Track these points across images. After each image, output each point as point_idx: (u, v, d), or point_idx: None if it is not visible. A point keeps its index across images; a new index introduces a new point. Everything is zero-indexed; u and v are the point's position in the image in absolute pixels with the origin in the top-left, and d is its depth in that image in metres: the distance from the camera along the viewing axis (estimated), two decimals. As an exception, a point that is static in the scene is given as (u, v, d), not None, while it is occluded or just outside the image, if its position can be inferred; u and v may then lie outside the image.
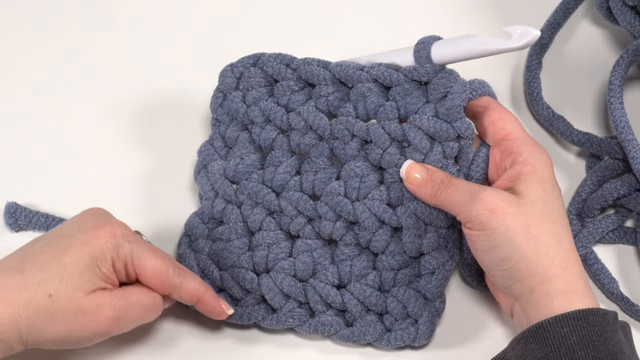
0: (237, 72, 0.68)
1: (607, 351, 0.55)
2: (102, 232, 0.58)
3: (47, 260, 0.57)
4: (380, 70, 0.63)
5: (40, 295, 0.56)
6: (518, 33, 0.58)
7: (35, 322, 0.56)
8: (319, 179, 0.65)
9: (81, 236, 0.58)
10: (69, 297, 0.57)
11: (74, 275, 0.57)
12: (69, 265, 0.57)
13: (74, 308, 0.57)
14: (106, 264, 0.58)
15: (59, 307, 0.57)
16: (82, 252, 0.58)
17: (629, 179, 0.68)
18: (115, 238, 0.58)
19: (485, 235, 0.58)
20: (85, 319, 0.57)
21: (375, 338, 0.64)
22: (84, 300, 0.57)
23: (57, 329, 0.57)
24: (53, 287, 0.57)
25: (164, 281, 0.60)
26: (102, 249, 0.58)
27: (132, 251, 0.59)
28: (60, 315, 0.57)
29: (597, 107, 0.75)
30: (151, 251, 0.60)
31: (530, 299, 0.58)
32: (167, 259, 0.60)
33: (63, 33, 0.76)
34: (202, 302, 0.62)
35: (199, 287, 0.61)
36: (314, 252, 0.65)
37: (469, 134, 0.63)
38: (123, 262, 0.59)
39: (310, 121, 0.65)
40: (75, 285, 0.57)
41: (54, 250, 0.58)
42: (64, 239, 0.58)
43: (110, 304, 0.58)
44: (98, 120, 0.73)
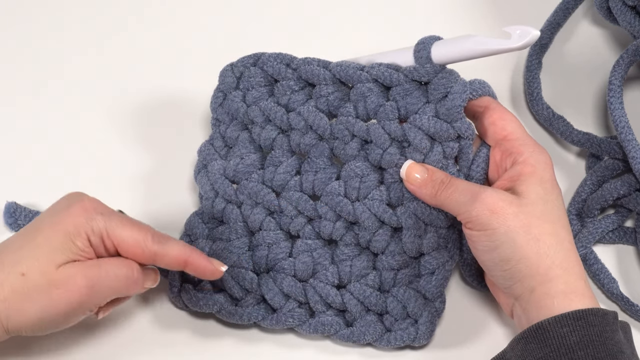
0: (237, 72, 0.68)
1: (607, 351, 0.55)
2: (73, 209, 0.58)
3: (21, 243, 0.58)
4: (381, 70, 0.63)
5: (14, 276, 0.56)
6: (517, 33, 0.58)
7: (12, 303, 0.56)
8: (319, 179, 0.65)
9: (53, 217, 0.58)
10: (41, 272, 0.56)
11: (47, 252, 0.57)
12: (42, 243, 0.57)
13: (46, 282, 0.56)
14: (80, 238, 0.57)
15: (32, 284, 0.56)
16: (54, 230, 0.57)
17: (629, 179, 0.68)
18: (87, 212, 0.58)
19: (486, 235, 0.59)
20: (57, 291, 0.57)
21: (375, 338, 0.64)
22: (55, 273, 0.57)
23: (33, 309, 0.56)
24: (26, 266, 0.56)
25: (143, 249, 0.59)
26: (74, 224, 0.57)
27: (106, 223, 0.58)
28: (35, 293, 0.56)
29: (597, 107, 0.75)
30: (127, 222, 0.59)
31: (530, 299, 0.58)
32: (144, 228, 0.59)
33: (63, 33, 0.76)
34: (191, 263, 0.60)
35: (184, 250, 0.60)
36: (314, 252, 0.65)
37: (469, 134, 0.63)
38: (99, 236, 0.58)
39: (310, 121, 0.65)
40: (48, 260, 0.57)
41: (27, 234, 0.58)
42: (36, 223, 0.59)
43: (82, 273, 0.57)
44: (98, 120, 0.73)
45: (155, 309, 0.66)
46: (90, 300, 0.58)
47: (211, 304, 0.64)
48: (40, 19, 0.77)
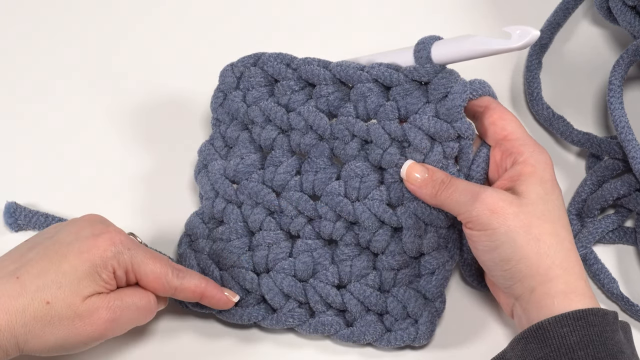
0: (238, 72, 0.68)
1: (607, 351, 0.55)
2: (101, 240, 0.59)
3: (45, 267, 0.57)
4: (381, 70, 0.63)
5: (38, 302, 0.56)
6: (517, 33, 0.58)
7: (33, 329, 0.56)
8: (319, 179, 0.65)
9: (79, 244, 0.58)
10: (67, 304, 0.57)
11: (72, 282, 0.57)
12: (68, 272, 0.57)
13: (71, 314, 0.57)
14: (106, 271, 0.58)
15: (56, 314, 0.57)
16: (80, 259, 0.58)
17: (629, 179, 0.68)
18: (114, 246, 0.59)
19: (486, 235, 0.59)
20: (81, 323, 0.57)
21: (375, 338, 0.64)
22: (81, 305, 0.57)
23: (54, 336, 0.57)
24: (51, 294, 0.57)
25: (164, 284, 0.60)
26: (102, 257, 0.58)
27: (132, 258, 0.59)
28: (58, 322, 0.57)
29: (597, 107, 0.75)
30: (150, 256, 0.60)
31: (530, 299, 0.58)
32: (165, 263, 0.60)
33: (63, 33, 0.76)
34: (206, 296, 0.62)
35: (200, 283, 0.61)
36: (314, 252, 0.65)
37: (470, 134, 0.63)
38: (124, 269, 0.59)
39: (310, 121, 0.65)
40: (73, 291, 0.57)
41: (51, 258, 0.58)
42: (60, 247, 0.59)
43: (107, 306, 0.58)
44: (98, 120, 0.73)
45: (155, 309, 0.66)
46: (112, 332, 0.59)
47: (211, 304, 0.64)
48: (41, 19, 0.77)
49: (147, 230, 0.68)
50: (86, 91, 0.74)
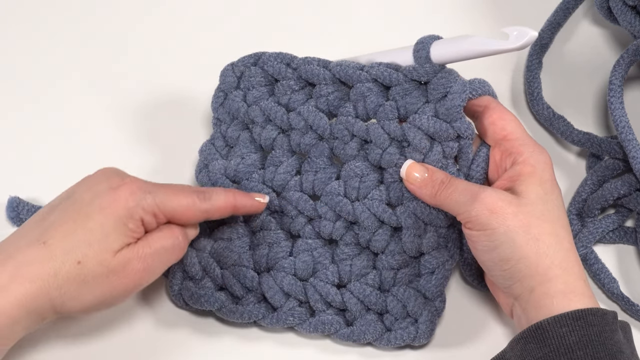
0: (238, 72, 0.68)
1: (606, 351, 0.55)
2: (120, 192, 0.58)
3: (70, 228, 0.57)
4: (380, 70, 0.63)
5: (69, 264, 0.56)
6: (515, 34, 0.58)
7: (68, 290, 0.56)
8: (319, 178, 0.65)
9: (99, 200, 0.58)
10: (98, 261, 0.57)
11: (100, 239, 0.57)
12: (94, 229, 0.57)
13: (104, 270, 0.57)
14: (133, 220, 0.58)
15: (89, 273, 0.56)
16: (104, 215, 0.57)
17: (629, 178, 0.68)
18: (134, 194, 0.58)
19: (486, 235, 0.59)
20: (116, 277, 0.57)
21: (375, 337, 0.64)
22: (113, 260, 0.57)
23: (91, 294, 0.57)
24: (81, 254, 0.56)
25: (194, 212, 0.60)
26: (125, 207, 0.58)
27: (156, 200, 0.59)
28: (92, 280, 0.57)
29: (597, 107, 0.75)
30: (172, 192, 0.60)
31: (530, 299, 0.58)
32: (188, 191, 0.60)
33: (64, 32, 0.77)
34: (238, 208, 0.62)
35: (228, 198, 0.62)
36: (314, 252, 0.65)
37: (469, 134, 0.63)
38: (151, 214, 0.59)
39: (310, 121, 0.65)
40: (103, 248, 0.57)
41: (74, 218, 0.57)
42: (80, 206, 0.58)
43: (137, 256, 0.58)
44: (100, 118, 0.73)
45: (155, 308, 0.66)
46: (146, 280, 0.59)
47: (212, 302, 0.64)
48: (42, 18, 0.77)
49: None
50: (87, 90, 0.74)
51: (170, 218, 0.60)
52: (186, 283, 0.64)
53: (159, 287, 0.67)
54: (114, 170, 0.61)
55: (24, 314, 0.55)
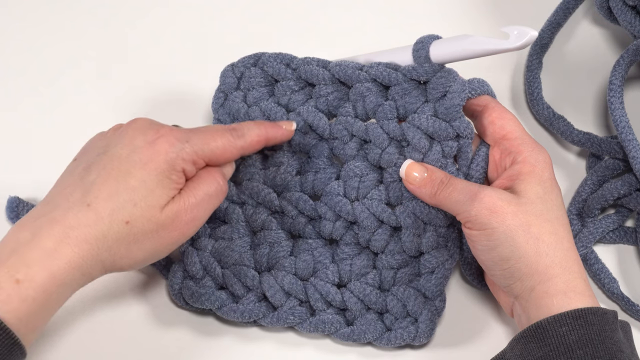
0: (238, 72, 0.68)
1: (606, 350, 0.55)
2: (158, 145, 0.58)
3: (113, 188, 0.56)
4: (379, 70, 0.63)
5: (117, 225, 0.56)
6: (515, 34, 0.58)
7: (118, 251, 0.56)
8: (319, 179, 0.65)
9: (138, 156, 0.57)
10: (147, 219, 0.56)
11: (145, 196, 0.56)
12: (138, 187, 0.56)
13: (153, 227, 0.57)
14: (175, 172, 0.58)
15: (139, 231, 0.56)
16: (146, 171, 0.57)
17: (629, 178, 0.68)
18: (173, 146, 0.58)
19: (485, 235, 0.59)
20: (165, 231, 0.57)
21: (376, 337, 0.64)
22: (161, 215, 0.57)
23: (141, 251, 0.57)
24: (128, 214, 0.56)
25: (232, 151, 0.60)
26: (165, 161, 0.57)
27: (194, 147, 0.59)
28: (142, 237, 0.57)
29: (597, 107, 0.75)
30: (207, 135, 0.60)
31: (530, 298, 0.58)
32: (221, 131, 0.60)
33: (65, 32, 0.77)
34: (269, 139, 0.63)
35: (260, 131, 0.62)
36: (315, 251, 0.65)
37: (468, 133, 0.63)
38: (191, 162, 0.58)
39: (310, 121, 0.65)
40: (150, 204, 0.56)
41: (116, 177, 0.56)
42: (119, 163, 0.57)
43: (184, 208, 0.58)
44: (100, 118, 0.73)
45: (155, 307, 0.66)
46: (194, 228, 0.59)
47: (212, 301, 0.64)
48: (42, 18, 0.77)
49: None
50: (89, 90, 0.74)
51: (208, 161, 0.60)
52: (186, 282, 0.64)
53: (159, 286, 0.67)
54: (147, 122, 0.60)
55: (74, 277, 0.54)
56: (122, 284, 0.67)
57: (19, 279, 0.53)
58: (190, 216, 0.58)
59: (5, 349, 0.51)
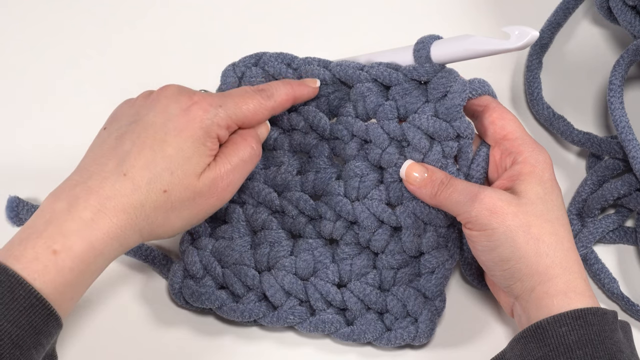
0: (239, 72, 0.68)
1: (606, 350, 0.55)
2: (193, 113, 0.58)
3: (149, 157, 0.56)
4: (380, 70, 0.63)
5: (155, 194, 0.56)
6: (516, 34, 0.58)
7: (156, 219, 0.56)
8: (320, 178, 0.65)
9: (173, 124, 0.57)
10: (184, 187, 0.57)
11: (182, 164, 0.57)
12: (174, 155, 0.57)
13: (190, 194, 0.57)
14: (210, 138, 0.58)
15: (176, 199, 0.57)
16: (182, 139, 0.57)
17: (629, 178, 0.68)
18: (208, 112, 0.58)
19: (486, 235, 0.59)
20: (202, 199, 0.58)
21: (376, 337, 0.64)
22: (198, 183, 0.57)
23: (179, 218, 0.58)
24: (165, 182, 0.56)
25: (263, 113, 0.61)
26: (201, 128, 0.58)
27: (227, 112, 0.59)
28: (180, 205, 0.57)
29: (597, 107, 0.75)
30: (238, 99, 0.60)
31: (530, 298, 0.58)
32: (251, 94, 0.61)
33: (64, 33, 0.77)
34: (297, 98, 0.63)
35: (288, 90, 0.63)
36: (315, 251, 0.65)
37: (469, 134, 0.63)
38: (225, 127, 0.59)
39: (310, 121, 0.65)
40: (186, 172, 0.57)
41: (151, 145, 0.56)
42: (154, 131, 0.57)
43: (220, 175, 0.58)
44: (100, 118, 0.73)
45: (155, 307, 0.66)
46: (231, 193, 0.60)
47: (213, 300, 0.64)
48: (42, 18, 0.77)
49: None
50: (89, 90, 0.74)
51: (241, 125, 0.60)
52: (187, 281, 0.64)
53: (160, 286, 0.67)
54: (179, 89, 0.60)
55: (112, 247, 0.55)
56: (123, 283, 0.67)
57: (57, 249, 0.52)
58: (227, 182, 0.59)
59: (42, 319, 0.52)
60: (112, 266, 0.67)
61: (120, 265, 0.68)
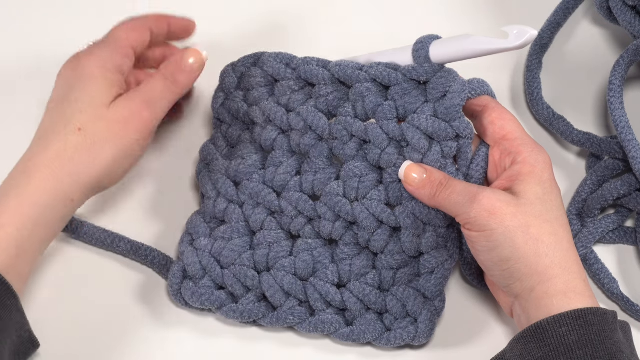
0: (238, 72, 0.68)
1: (606, 350, 0.55)
2: (84, 62, 0.61)
3: (59, 112, 0.60)
4: (379, 70, 0.63)
5: (71, 135, 0.59)
6: (515, 33, 0.58)
7: (80, 159, 0.58)
8: (319, 179, 0.65)
9: (73, 81, 0.61)
10: (96, 117, 0.59)
11: (89, 100, 0.59)
12: (80, 97, 0.60)
13: (105, 123, 0.59)
14: (109, 71, 0.61)
15: (93, 133, 0.59)
16: (83, 82, 0.60)
17: (629, 178, 0.68)
18: (94, 52, 0.62)
19: (485, 236, 0.59)
20: (120, 126, 0.59)
21: (375, 337, 0.64)
22: (109, 112, 0.59)
23: (106, 153, 0.59)
24: (77, 121, 0.59)
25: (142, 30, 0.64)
26: (96, 66, 0.61)
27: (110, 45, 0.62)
28: (99, 139, 0.59)
29: (597, 107, 0.75)
30: (113, 30, 0.63)
31: (530, 299, 0.58)
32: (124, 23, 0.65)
33: (65, 33, 0.77)
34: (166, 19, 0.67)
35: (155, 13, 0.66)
36: (314, 251, 0.65)
37: (468, 134, 0.63)
38: (121, 55, 0.62)
39: (309, 121, 0.65)
40: (95, 105, 0.59)
41: (61, 101, 0.60)
42: (59, 95, 0.61)
43: (132, 99, 0.60)
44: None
45: (154, 308, 0.66)
46: (152, 117, 0.61)
47: (212, 301, 0.64)
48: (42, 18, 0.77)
49: (148, 228, 0.69)
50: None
51: (132, 45, 0.63)
52: (186, 282, 0.65)
53: (159, 286, 0.67)
54: (66, 62, 0.63)
55: (50, 198, 0.58)
56: (122, 284, 0.67)
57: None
58: (139, 105, 0.60)
59: None
60: (112, 266, 0.68)
61: (119, 266, 0.68)
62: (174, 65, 0.63)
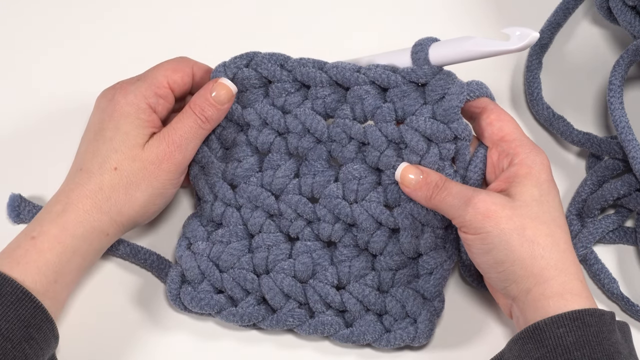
0: (230, 73, 0.66)
1: (604, 351, 0.55)
2: (117, 96, 0.63)
3: (95, 147, 0.62)
4: (378, 72, 0.63)
5: (108, 174, 0.61)
6: (517, 35, 0.58)
7: (117, 198, 0.61)
8: (318, 181, 0.65)
9: (105, 114, 0.63)
10: (131, 158, 0.62)
11: (123, 140, 0.62)
12: (114, 136, 0.62)
13: (140, 165, 0.62)
14: (141, 110, 0.63)
15: (129, 173, 0.61)
16: (115, 120, 0.62)
17: (629, 179, 0.68)
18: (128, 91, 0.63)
19: (480, 239, 0.59)
20: (154, 166, 0.62)
21: (375, 338, 0.64)
22: (144, 152, 0.62)
23: (140, 192, 0.62)
24: (113, 161, 0.62)
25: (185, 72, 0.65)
26: (128, 104, 0.63)
27: (146, 82, 0.63)
28: (134, 178, 0.61)
29: (597, 107, 0.75)
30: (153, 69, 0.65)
31: (527, 300, 0.58)
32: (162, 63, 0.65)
33: (65, 33, 0.77)
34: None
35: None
36: (314, 253, 0.65)
37: (466, 135, 0.63)
38: (153, 95, 0.63)
39: (307, 124, 0.65)
40: (129, 146, 0.62)
41: (95, 138, 0.63)
42: (94, 128, 0.63)
43: (165, 140, 0.62)
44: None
45: (153, 313, 0.66)
46: (182, 157, 0.63)
47: (211, 305, 0.64)
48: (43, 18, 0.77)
49: (144, 232, 0.69)
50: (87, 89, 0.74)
51: (173, 89, 0.64)
52: (185, 287, 0.64)
53: (158, 291, 0.67)
54: (103, 91, 0.65)
55: (85, 230, 0.61)
56: (121, 288, 0.67)
57: (34, 236, 0.60)
58: (173, 147, 0.62)
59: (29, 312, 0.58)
60: (112, 271, 0.68)
61: (119, 270, 0.68)
62: (202, 100, 0.64)
